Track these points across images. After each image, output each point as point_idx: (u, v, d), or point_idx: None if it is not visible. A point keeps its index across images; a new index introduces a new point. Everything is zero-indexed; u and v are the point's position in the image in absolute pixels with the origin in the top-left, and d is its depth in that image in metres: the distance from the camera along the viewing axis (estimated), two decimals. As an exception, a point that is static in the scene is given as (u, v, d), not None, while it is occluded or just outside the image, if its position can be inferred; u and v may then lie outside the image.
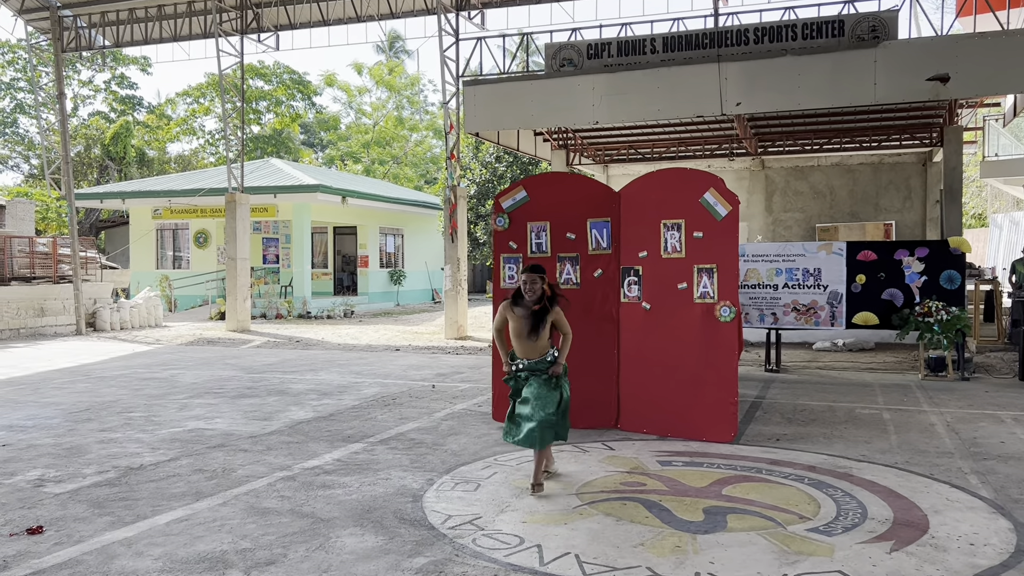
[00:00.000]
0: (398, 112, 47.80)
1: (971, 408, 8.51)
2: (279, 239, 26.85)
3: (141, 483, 5.70)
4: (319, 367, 12.26)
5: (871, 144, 17.88)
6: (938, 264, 10.85)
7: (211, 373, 11.62)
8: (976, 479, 5.69)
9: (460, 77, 16.74)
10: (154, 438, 7.20)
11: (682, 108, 14.40)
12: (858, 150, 18.44)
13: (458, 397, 9.33)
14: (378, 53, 56.23)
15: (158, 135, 41.42)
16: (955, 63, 12.69)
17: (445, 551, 4.31)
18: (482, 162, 27.40)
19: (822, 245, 11.49)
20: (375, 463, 6.22)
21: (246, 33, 19.02)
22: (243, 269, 18.68)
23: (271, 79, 42.51)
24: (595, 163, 20.11)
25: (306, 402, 9.07)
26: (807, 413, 8.29)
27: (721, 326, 6.90)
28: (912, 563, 4.10)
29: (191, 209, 25.54)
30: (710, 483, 5.62)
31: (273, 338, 17.12)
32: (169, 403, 9.05)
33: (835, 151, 19.00)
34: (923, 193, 19.23)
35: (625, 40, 15.14)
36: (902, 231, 19.22)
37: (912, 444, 6.81)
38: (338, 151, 47.20)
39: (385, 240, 29.52)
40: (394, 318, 23.21)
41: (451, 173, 16.50)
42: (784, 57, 13.60)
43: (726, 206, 6.91)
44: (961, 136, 16.04)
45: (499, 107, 15.23)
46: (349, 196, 24.58)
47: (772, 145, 18.36)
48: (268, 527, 4.71)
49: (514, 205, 7.84)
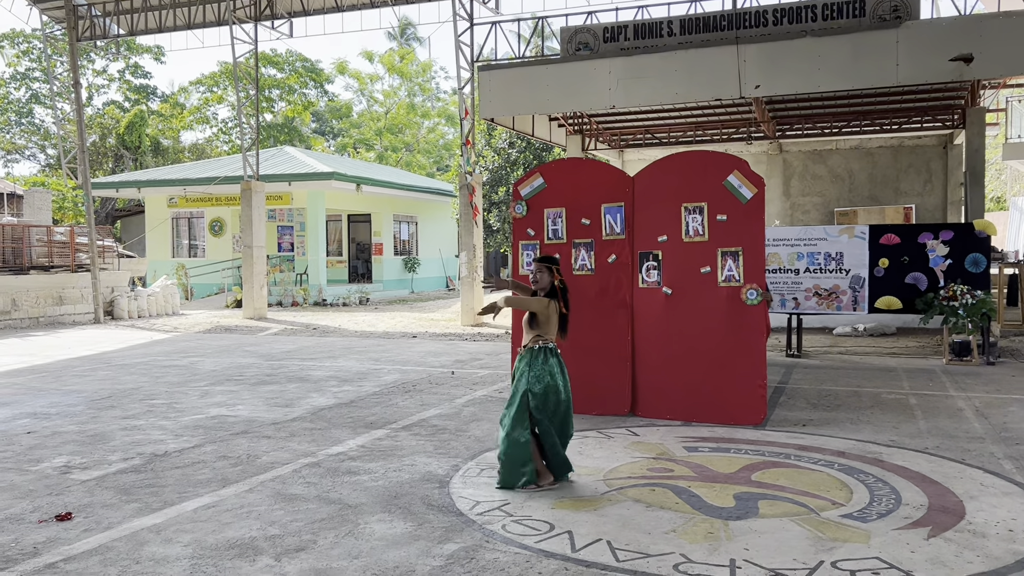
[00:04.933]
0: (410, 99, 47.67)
1: (999, 393, 8.39)
2: (293, 227, 26.86)
3: (166, 470, 5.69)
4: (337, 354, 12.26)
5: (891, 127, 17.65)
6: (963, 247, 10.70)
7: (230, 360, 11.63)
8: (1010, 464, 5.60)
9: (475, 62, 16.62)
10: (177, 425, 7.19)
11: (700, 91, 14.24)
12: (878, 133, 18.20)
13: (478, 383, 9.29)
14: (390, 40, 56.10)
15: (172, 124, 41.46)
16: (979, 43, 12.46)
17: (475, 537, 4.27)
18: (495, 149, 27.27)
19: (844, 229, 11.36)
20: (399, 449, 6.19)
21: (260, 20, 18.96)
22: (259, 257, 18.69)
23: (283, 67, 42.43)
24: (611, 148, 19.95)
25: (326, 389, 9.05)
26: (832, 398, 8.20)
27: (748, 309, 6.82)
28: (951, 549, 4.03)
29: (206, 197, 25.59)
30: (739, 469, 5.55)
31: (290, 325, 17.14)
32: (190, 390, 9.06)
33: (854, 134, 18.76)
34: (944, 176, 18.98)
35: (642, 23, 14.99)
36: (922, 215, 18.99)
37: (941, 429, 6.72)
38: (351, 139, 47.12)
39: (399, 227, 29.49)
40: (409, 305, 23.20)
41: (467, 159, 16.42)
42: (804, 38, 13.40)
43: (751, 188, 6.82)
44: (984, 118, 15.79)
45: (514, 92, 15.11)
46: (363, 183, 24.55)
47: (791, 128, 18.15)
48: (296, 513, 4.68)
49: (532, 192, 7.77)
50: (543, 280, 5.34)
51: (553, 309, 5.27)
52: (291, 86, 42.76)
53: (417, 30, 52.16)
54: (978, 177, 15.10)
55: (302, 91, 43.65)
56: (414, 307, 22.38)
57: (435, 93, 50.85)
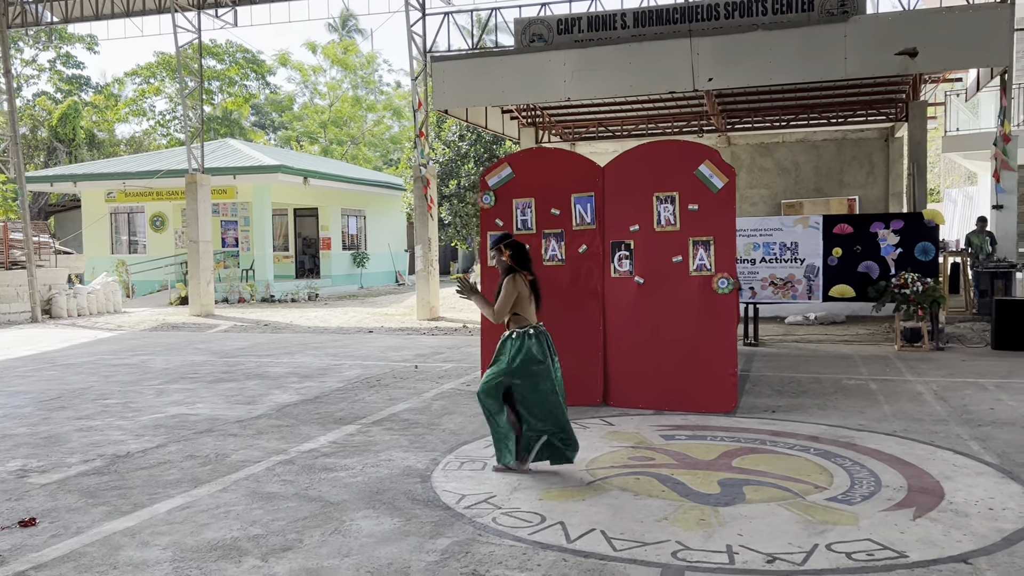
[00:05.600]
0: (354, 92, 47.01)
1: (953, 377, 8.62)
2: (238, 221, 26.30)
3: (131, 471, 5.47)
4: (294, 350, 12.00)
5: (837, 120, 18.04)
6: (913, 236, 10.96)
7: (182, 358, 11.29)
8: (977, 445, 5.74)
9: (427, 53, 16.44)
10: (136, 425, 6.93)
11: (654, 84, 14.33)
12: (824, 126, 18.59)
13: (444, 377, 9.18)
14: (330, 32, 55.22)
15: (107, 116, 40.15)
16: (923, 37, 12.78)
17: (467, 531, 4.19)
18: (444, 141, 27.06)
19: (799, 219, 11.55)
20: (373, 444, 6.06)
21: (203, 8, 18.43)
22: (206, 252, 18.22)
23: (223, 58, 41.43)
24: (563, 140, 19.98)
25: (288, 385, 8.84)
26: (796, 385, 8.32)
27: (719, 298, 6.86)
28: (939, 529, 4.09)
29: (147, 192, 24.83)
30: (718, 455, 5.57)
31: (240, 322, 16.74)
32: (144, 389, 8.75)
33: (800, 127, 19.15)
34: (885, 168, 19.49)
35: (595, 15, 15.00)
36: (865, 206, 19.47)
37: (906, 412, 6.86)
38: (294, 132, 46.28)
39: (347, 222, 29.07)
40: (360, 300, 22.89)
41: (421, 151, 16.24)
42: (755, 32, 13.57)
43: (722, 178, 6.85)
44: (926, 111, 16.27)
45: (468, 83, 15.00)
46: (311, 177, 24.11)
47: (740, 122, 18.42)
48: (276, 512, 4.53)
49: (500, 182, 7.69)
50: (498, 263, 5.30)
51: (521, 283, 5.15)
52: (231, 78, 41.79)
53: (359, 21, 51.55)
54: (921, 169, 15.53)
55: (243, 83, 42.69)
56: (365, 302, 22.08)
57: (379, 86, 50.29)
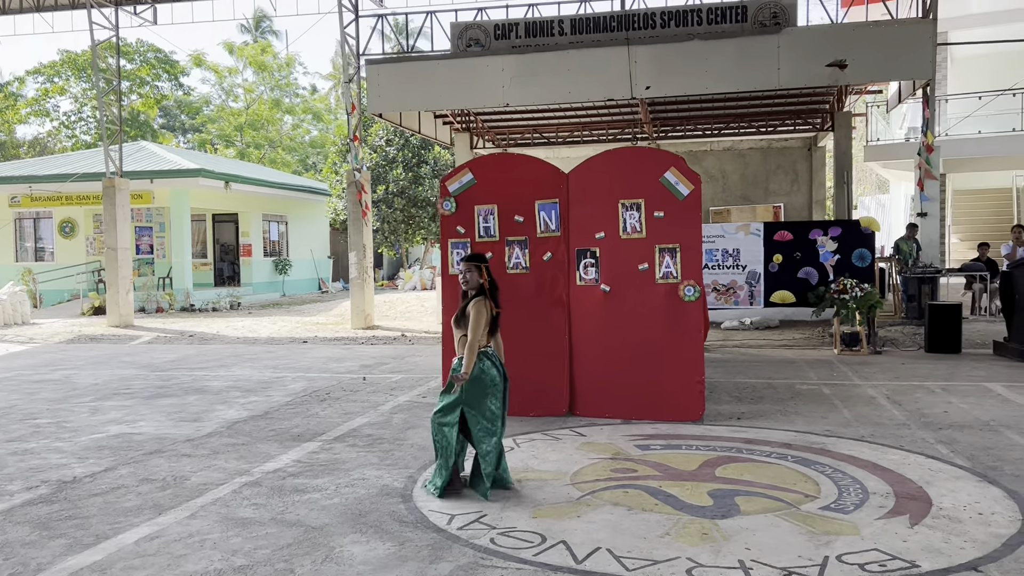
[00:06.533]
0: (272, 94, 45.86)
1: (898, 380, 8.85)
2: (152, 227, 25.25)
3: (83, 498, 5.06)
4: (228, 363, 11.50)
5: (766, 129, 18.48)
6: (850, 243, 11.29)
7: (110, 372, 10.67)
8: (945, 449, 5.86)
9: (360, 55, 16.09)
10: (76, 446, 6.45)
11: (592, 91, 14.36)
12: (752, 135, 19.02)
13: (396, 389, 8.92)
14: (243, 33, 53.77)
15: (6, 116, 38.06)
16: (852, 50, 13.16)
17: (467, 554, 3.99)
18: (371, 146, 26.62)
19: (740, 226, 11.74)
20: (341, 463, 5.79)
21: (121, 4, 17.59)
22: (125, 260, 17.36)
23: (134, 57, 39.81)
24: (496, 147, 19.87)
25: (232, 400, 8.42)
26: (751, 391, 8.40)
27: (685, 306, 6.84)
28: (939, 536, 4.11)
29: (55, 196, 23.57)
30: (699, 465, 5.52)
31: (163, 333, 15.99)
32: (76, 406, 8.20)
33: (727, 136, 19.55)
34: (809, 177, 20.06)
35: (532, 21, 14.94)
36: (790, 213, 20.00)
37: (867, 417, 6.98)
38: (209, 134, 44.82)
39: (269, 227, 28.25)
40: (285, 309, 22.23)
41: (355, 155, 15.86)
42: (692, 42, 13.76)
43: (688, 185, 6.85)
44: (850, 121, 16.83)
45: (404, 87, 14.72)
46: (233, 181, 23.34)
47: (673, 130, 18.67)
48: (257, 540, 4.24)
49: (461, 188, 7.51)
50: (472, 280, 5.13)
51: (488, 307, 5.07)
52: (143, 78, 40.19)
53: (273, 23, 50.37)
54: (848, 177, 16.04)
55: (155, 84, 41.12)
56: (291, 311, 21.45)
57: (295, 89, 49.18)
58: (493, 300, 5.11)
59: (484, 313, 4.99)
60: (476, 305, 5.00)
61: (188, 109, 46.98)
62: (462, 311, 5.11)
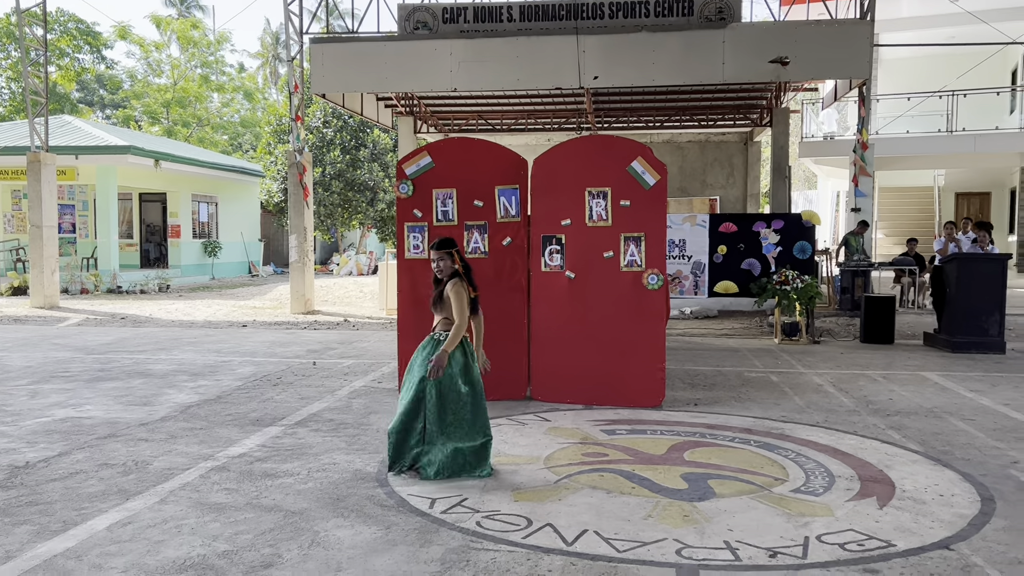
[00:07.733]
0: (199, 71, 44.46)
1: (840, 369, 9.17)
2: (75, 206, 24.30)
3: (41, 484, 4.85)
4: (168, 346, 11.15)
5: (706, 123, 18.82)
6: (792, 235, 11.61)
7: (43, 355, 10.23)
8: (897, 434, 6.11)
9: (304, 33, 15.75)
10: (22, 431, 6.18)
11: (541, 79, 14.37)
12: (692, 128, 19.36)
13: (350, 374, 8.80)
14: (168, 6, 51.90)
15: (-89, 84, 35.96)
16: (794, 47, 13.52)
17: (456, 537, 3.98)
18: (308, 127, 26.10)
19: (687, 217, 11.96)
20: (308, 447, 5.69)
21: (48, -30, 16.79)
22: (51, 238, 16.64)
23: (53, 27, 38.00)
24: (439, 132, 19.73)
25: (181, 384, 8.18)
26: (703, 378, 8.58)
27: (649, 294, 6.94)
28: (908, 517, 4.29)
29: (-31, 170, 22.41)
30: (667, 450, 5.62)
31: (93, 315, 15.40)
32: (12, 390, 7.84)
33: (668, 129, 19.86)
34: (744, 171, 20.57)
35: (481, 6, 14.85)
36: (725, 206, 20.47)
37: (818, 404, 7.22)
38: (133, 110, 43.18)
39: (198, 208, 27.44)
40: (217, 292, 21.66)
41: (296, 136, 15.53)
42: (640, 33, 13.91)
43: (654, 175, 6.93)
44: (788, 117, 17.28)
45: (350, 68, 14.45)
46: (164, 159, 22.58)
47: (616, 121, 18.85)
48: (236, 525, 4.14)
49: (418, 171, 7.44)
50: (446, 267, 5.10)
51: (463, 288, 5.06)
52: (62, 49, 38.43)
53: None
54: (785, 171, 16.48)
55: (75, 56, 39.37)
56: (223, 294, 20.91)
57: (222, 67, 47.79)
58: (469, 283, 5.09)
59: (464, 294, 4.98)
60: (455, 286, 4.97)
61: (109, 83, 45.15)
62: (440, 295, 5.07)
